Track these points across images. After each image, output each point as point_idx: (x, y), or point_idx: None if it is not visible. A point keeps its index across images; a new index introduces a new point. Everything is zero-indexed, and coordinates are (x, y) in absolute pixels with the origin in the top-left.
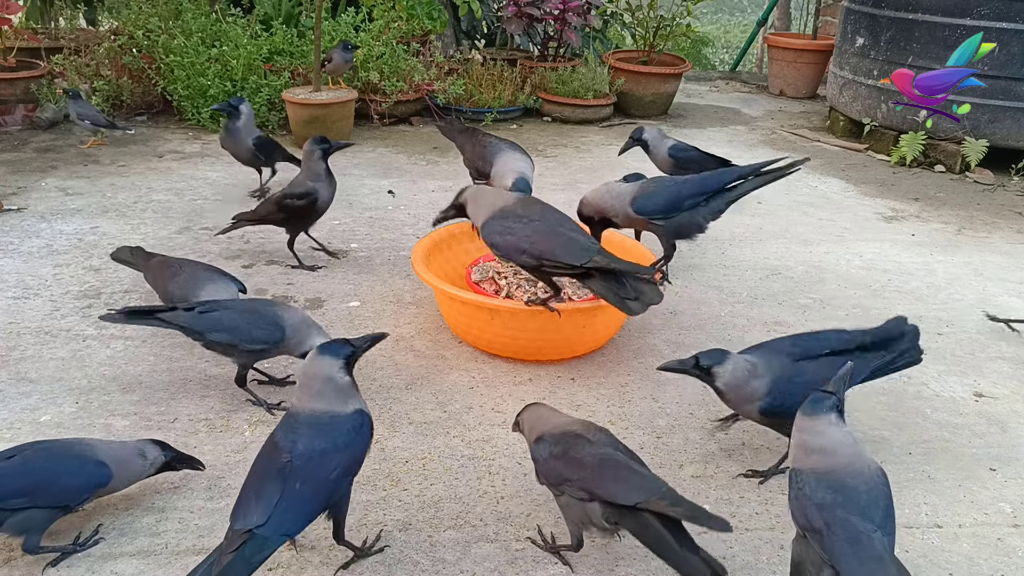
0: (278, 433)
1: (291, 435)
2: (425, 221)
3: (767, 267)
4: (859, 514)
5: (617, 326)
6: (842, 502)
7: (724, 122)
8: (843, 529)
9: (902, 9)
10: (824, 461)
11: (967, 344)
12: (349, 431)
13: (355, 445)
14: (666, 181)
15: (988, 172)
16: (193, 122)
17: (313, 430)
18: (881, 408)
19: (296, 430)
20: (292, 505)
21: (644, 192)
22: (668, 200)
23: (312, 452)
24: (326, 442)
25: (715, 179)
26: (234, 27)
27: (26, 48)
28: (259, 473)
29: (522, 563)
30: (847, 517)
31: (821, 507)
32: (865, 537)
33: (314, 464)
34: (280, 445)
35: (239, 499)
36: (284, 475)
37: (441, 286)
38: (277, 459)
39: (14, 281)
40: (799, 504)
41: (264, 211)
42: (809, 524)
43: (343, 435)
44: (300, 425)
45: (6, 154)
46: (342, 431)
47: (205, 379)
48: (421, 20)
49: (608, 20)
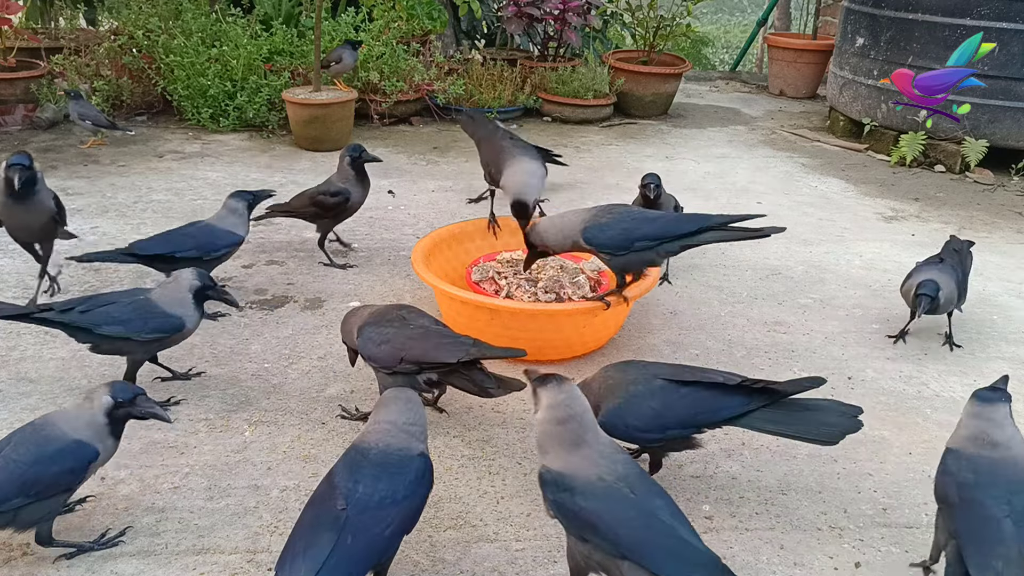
0: (338, 471)
1: (353, 475)
2: (425, 221)
3: (767, 267)
4: (995, 498)
5: (617, 326)
6: (983, 484)
7: (724, 122)
8: (974, 507)
9: (902, 9)
10: (986, 450)
11: (967, 344)
12: (414, 480)
13: (416, 496)
14: (623, 215)
15: (988, 172)
16: (193, 122)
17: (378, 470)
18: (881, 408)
19: (360, 469)
20: (340, 563)
21: (596, 223)
22: (618, 237)
23: (369, 501)
24: (386, 489)
25: (676, 225)
26: (234, 27)
27: (26, 48)
28: (311, 521)
29: (522, 563)
30: (982, 498)
31: (962, 485)
32: (994, 521)
33: (369, 516)
34: (338, 488)
35: (287, 546)
36: (338, 527)
37: (441, 286)
38: (332, 506)
39: (14, 281)
40: (943, 479)
41: (297, 204)
42: (946, 498)
43: (407, 483)
44: (366, 464)
45: (6, 154)
46: (406, 478)
47: (205, 379)
48: (421, 20)
49: (608, 20)
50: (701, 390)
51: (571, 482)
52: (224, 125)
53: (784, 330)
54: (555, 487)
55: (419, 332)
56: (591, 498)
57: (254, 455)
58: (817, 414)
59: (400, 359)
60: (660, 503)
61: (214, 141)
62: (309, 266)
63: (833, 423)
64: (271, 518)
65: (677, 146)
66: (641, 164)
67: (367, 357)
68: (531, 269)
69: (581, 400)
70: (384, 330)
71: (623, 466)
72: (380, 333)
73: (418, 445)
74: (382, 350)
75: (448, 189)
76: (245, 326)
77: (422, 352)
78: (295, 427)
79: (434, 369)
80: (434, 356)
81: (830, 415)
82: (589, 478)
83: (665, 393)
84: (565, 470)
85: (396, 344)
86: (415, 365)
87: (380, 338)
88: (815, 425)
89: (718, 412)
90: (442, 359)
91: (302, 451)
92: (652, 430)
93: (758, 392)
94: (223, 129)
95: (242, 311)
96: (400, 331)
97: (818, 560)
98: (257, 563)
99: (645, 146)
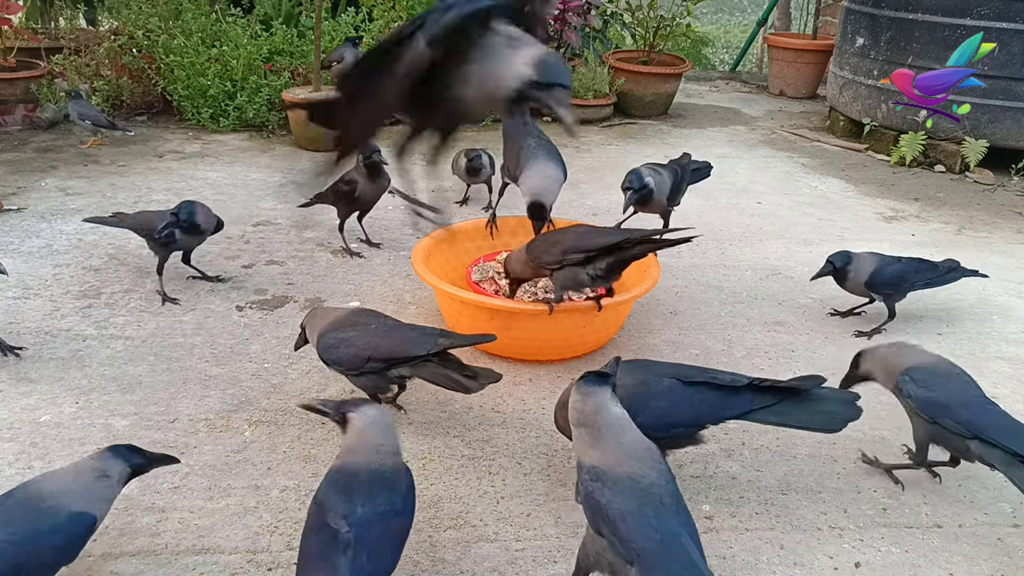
0: (327, 496)
1: (349, 497)
2: (425, 221)
3: (767, 267)
4: None
5: (617, 326)
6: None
7: (724, 122)
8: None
9: (902, 9)
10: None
11: (967, 344)
12: (407, 492)
13: (411, 507)
14: (559, 233)
15: (988, 172)
16: (193, 122)
17: (374, 487)
18: (881, 408)
19: (353, 490)
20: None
21: (539, 244)
22: (553, 251)
23: (372, 518)
24: (385, 503)
25: (595, 238)
26: (234, 27)
27: (26, 48)
28: (318, 552)
29: (522, 563)
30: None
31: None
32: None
33: (376, 532)
34: (333, 511)
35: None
36: (346, 548)
37: (441, 286)
38: (334, 532)
39: (14, 281)
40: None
41: (327, 191)
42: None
43: (403, 495)
44: (358, 483)
45: (6, 154)
46: (400, 491)
47: (205, 379)
48: None
49: (608, 20)
50: (708, 391)
51: (603, 475)
52: (224, 125)
53: (784, 330)
54: (590, 475)
55: (383, 330)
56: (619, 495)
57: (254, 455)
58: (818, 403)
59: (367, 359)
60: (684, 521)
61: (214, 141)
62: (309, 266)
63: (834, 411)
64: (271, 518)
65: (677, 146)
66: (641, 164)
67: (330, 362)
68: None
69: (593, 401)
70: (345, 333)
71: (657, 474)
72: (339, 338)
73: (399, 460)
74: (345, 352)
75: (448, 189)
76: (245, 326)
77: (389, 349)
78: (295, 427)
79: (404, 364)
80: (402, 351)
81: (830, 404)
82: (619, 476)
83: (673, 393)
84: (599, 464)
85: (360, 345)
86: (383, 363)
87: (340, 342)
88: (817, 415)
89: (724, 411)
90: (411, 353)
91: (302, 451)
92: (659, 429)
93: (765, 391)
94: (223, 129)
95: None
96: (363, 332)
97: (818, 560)
98: (257, 563)
99: (645, 146)
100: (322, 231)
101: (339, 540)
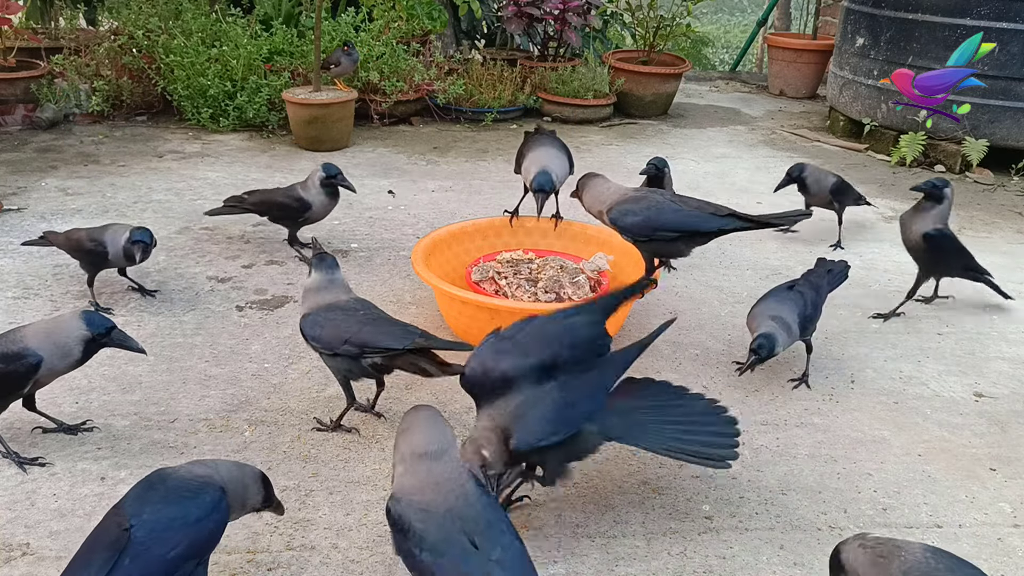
0: (128, 496)
1: (144, 496)
2: (425, 221)
3: (767, 267)
4: None
5: (617, 326)
6: None
7: (724, 122)
8: None
9: (902, 9)
10: None
11: (967, 344)
12: (210, 503)
13: (209, 521)
14: (649, 200)
15: (988, 172)
16: (193, 122)
17: (173, 494)
18: (881, 408)
19: (153, 489)
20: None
21: (623, 206)
22: (641, 224)
23: (156, 522)
24: (177, 510)
25: (700, 221)
26: (234, 27)
27: (26, 48)
28: (88, 544)
29: None
30: None
31: None
32: None
33: (154, 538)
34: (123, 509)
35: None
36: (117, 548)
37: (441, 286)
38: (112, 527)
39: (14, 281)
40: None
41: (258, 199)
42: None
43: (202, 506)
44: (161, 486)
45: (6, 154)
46: (204, 501)
47: (205, 379)
48: (421, 20)
49: (608, 20)
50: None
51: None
52: (224, 125)
53: None
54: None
55: (369, 318)
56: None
57: (254, 455)
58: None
59: (344, 340)
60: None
61: (214, 141)
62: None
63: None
64: (271, 518)
65: (677, 146)
66: (641, 164)
67: (309, 338)
68: (531, 269)
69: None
70: (330, 315)
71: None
72: (325, 317)
73: (217, 477)
74: (325, 331)
75: (448, 189)
76: (245, 326)
77: (369, 336)
78: (295, 427)
79: (378, 354)
80: (378, 341)
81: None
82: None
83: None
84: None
85: (342, 327)
86: (357, 348)
87: (325, 321)
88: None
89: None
90: (387, 344)
91: (302, 451)
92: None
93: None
94: (223, 129)
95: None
96: (348, 317)
97: (818, 560)
98: (257, 563)
99: (645, 146)
100: (322, 231)
101: (116, 536)
